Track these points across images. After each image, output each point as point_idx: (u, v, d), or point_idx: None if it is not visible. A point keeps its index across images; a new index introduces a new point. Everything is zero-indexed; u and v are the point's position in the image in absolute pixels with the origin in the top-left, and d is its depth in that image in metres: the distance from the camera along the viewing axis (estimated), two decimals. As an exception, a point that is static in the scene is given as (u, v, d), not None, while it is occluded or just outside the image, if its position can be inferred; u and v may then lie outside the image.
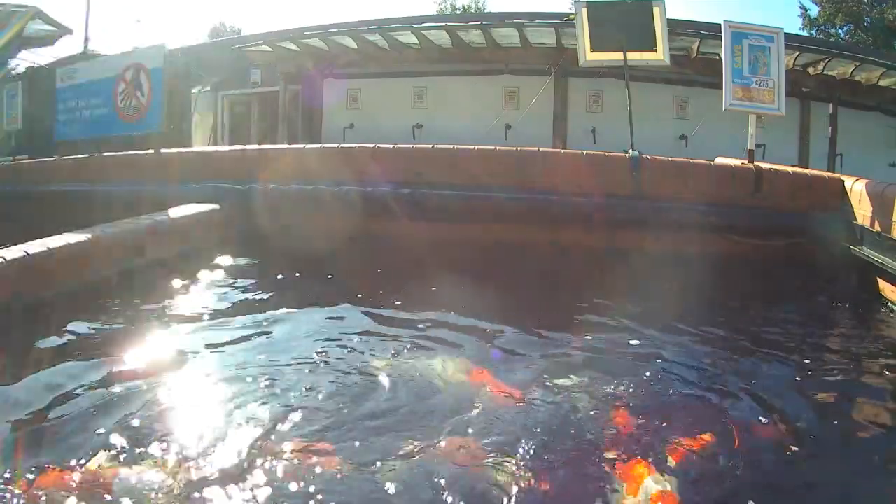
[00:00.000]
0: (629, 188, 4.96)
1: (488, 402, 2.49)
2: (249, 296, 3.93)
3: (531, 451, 2.12)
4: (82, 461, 2.00)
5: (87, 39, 13.94)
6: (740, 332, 3.45)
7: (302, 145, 6.79)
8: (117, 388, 2.53)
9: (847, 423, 2.48)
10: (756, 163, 5.25)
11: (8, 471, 1.93)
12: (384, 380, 2.65)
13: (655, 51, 5.61)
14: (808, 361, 3.09)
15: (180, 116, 7.01)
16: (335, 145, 6.36)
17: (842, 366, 3.06)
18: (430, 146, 5.56)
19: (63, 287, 3.54)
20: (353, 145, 6.14)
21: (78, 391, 2.50)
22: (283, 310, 3.63)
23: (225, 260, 4.62)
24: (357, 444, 2.16)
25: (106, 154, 6.57)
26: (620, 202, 4.92)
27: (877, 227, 4.08)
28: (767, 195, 4.86)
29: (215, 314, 3.54)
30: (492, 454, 2.10)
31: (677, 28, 9.07)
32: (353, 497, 1.89)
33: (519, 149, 5.37)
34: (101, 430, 2.19)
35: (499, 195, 5.06)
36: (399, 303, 3.72)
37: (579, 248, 4.92)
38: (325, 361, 2.86)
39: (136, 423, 2.26)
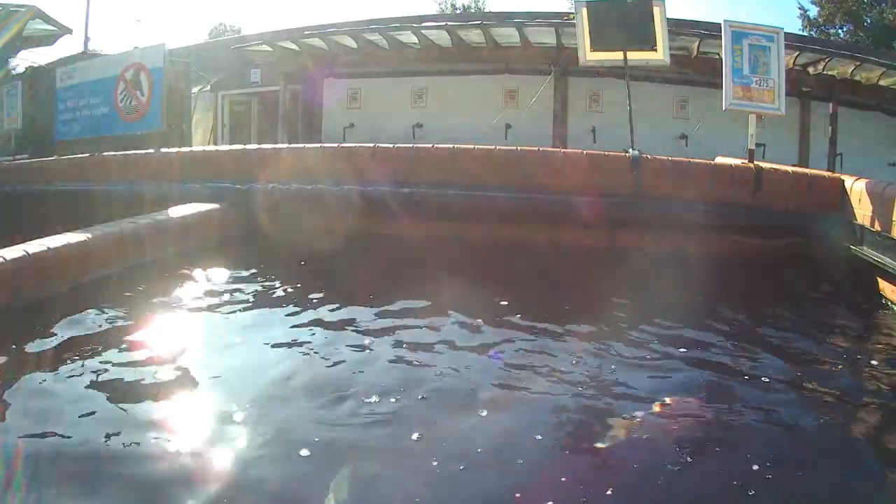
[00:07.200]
0: (629, 188, 4.96)
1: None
2: (249, 295, 3.92)
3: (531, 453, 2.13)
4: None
5: (87, 39, 13.96)
6: (739, 332, 3.44)
7: (302, 145, 6.79)
8: (116, 388, 2.53)
9: (846, 423, 2.48)
10: (756, 163, 5.25)
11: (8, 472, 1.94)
12: (381, 380, 2.65)
13: (655, 50, 5.60)
14: (807, 361, 3.09)
15: (180, 116, 6.98)
16: (335, 145, 6.36)
17: (841, 366, 3.06)
18: (430, 146, 5.55)
19: (63, 287, 3.54)
20: (353, 145, 6.14)
21: (76, 391, 2.50)
22: (283, 309, 3.64)
23: (225, 259, 4.61)
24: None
25: (106, 154, 6.57)
26: (620, 202, 4.92)
27: (877, 227, 4.07)
28: (767, 195, 4.85)
29: (215, 314, 3.54)
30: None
31: (677, 28, 9.07)
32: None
33: (519, 148, 5.36)
34: (103, 433, 2.20)
35: (499, 195, 5.05)
36: (399, 302, 3.72)
37: (579, 248, 4.92)
38: (326, 361, 2.86)
39: (137, 423, 2.26)
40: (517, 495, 1.90)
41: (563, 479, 2.00)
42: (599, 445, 2.21)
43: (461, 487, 1.97)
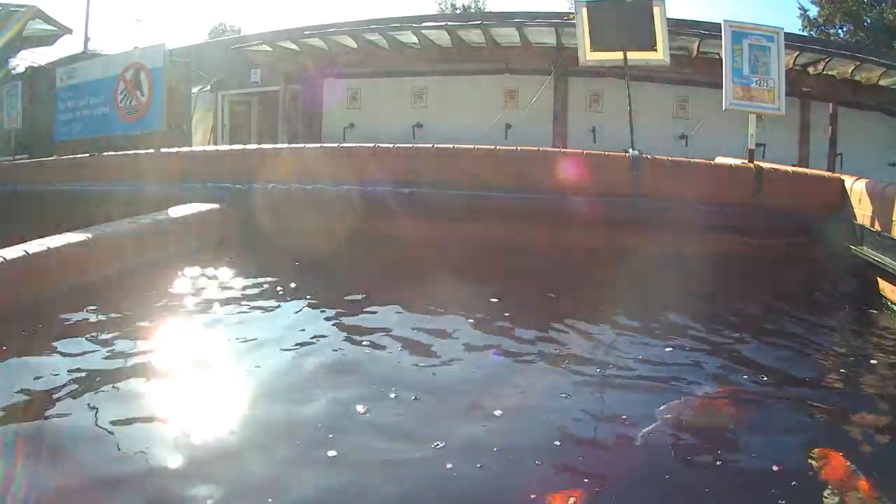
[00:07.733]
0: (629, 188, 4.96)
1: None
2: (249, 295, 3.92)
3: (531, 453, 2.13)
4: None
5: (87, 39, 13.93)
6: (740, 332, 3.44)
7: (302, 145, 6.79)
8: (116, 388, 2.53)
9: (846, 423, 2.48)
10: (756, 163, 5.25)
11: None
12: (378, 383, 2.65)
13: (655, 50, 5.60)
14: (806, 361, 3.09)
15: (180, 116, 6.98)
16: (335, 145, 6.36)
17: (841, 366, 3.06)
18: (430, 146, 5.56)
19: (63, 287, 3.54)
20: (354, 145, 6.14)
21: (76, 392, 2.50)
22: (283, 309, 3.64)
23: (225, 260, 4.61)
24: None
25: (106, 154, 6.57)
26: (620, 202, 4.92)
27: (877, 227, 4.07)
28: (767, 195, 4.85)
29: (215, 314, 3.53)
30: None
31: (677, 28, 9.07)
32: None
33: (519, 148, 5.37)
34: (103, 433, 2.20)
35: (499, 195, 5.06)
36: (399, 302, 3.72)
37: (579, 248, 4.91)
38: (326, 361, 2.86)
39: (137, 423, 2.27)
40: (532, 496, 1.89)
41: (583, 479, 1.99)
42: (606, 447, 2.21)
43: (467, 489, 1.96)
